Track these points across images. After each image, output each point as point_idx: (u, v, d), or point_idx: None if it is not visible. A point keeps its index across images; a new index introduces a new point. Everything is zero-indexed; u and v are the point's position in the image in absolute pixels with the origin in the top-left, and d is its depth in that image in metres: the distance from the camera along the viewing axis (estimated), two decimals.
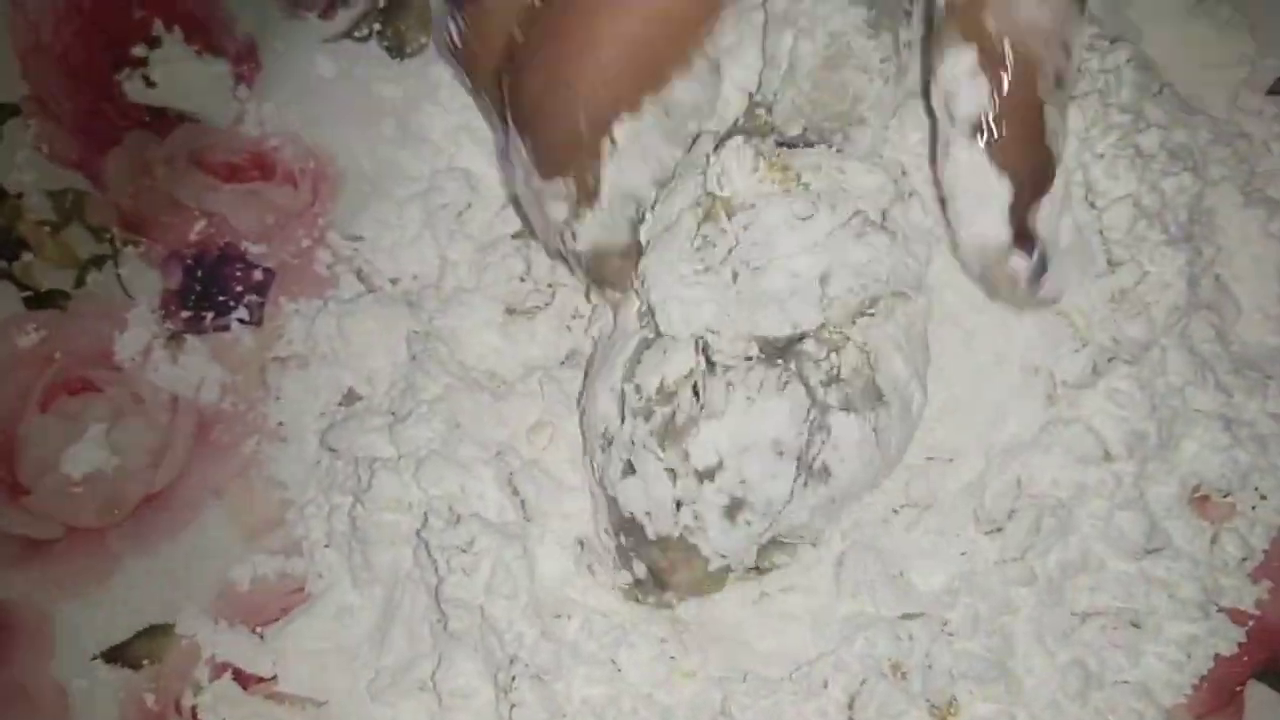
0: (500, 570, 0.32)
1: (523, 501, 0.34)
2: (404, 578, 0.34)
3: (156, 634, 0.37)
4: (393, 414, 0.36)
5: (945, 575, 0.34)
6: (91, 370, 0.40)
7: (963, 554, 0.34)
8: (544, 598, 0.33)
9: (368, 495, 0.34)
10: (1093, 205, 0.33)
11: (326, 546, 0.36)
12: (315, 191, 0.43)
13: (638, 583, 0.33)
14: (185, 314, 0.41)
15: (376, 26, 0.44)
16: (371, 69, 0.44)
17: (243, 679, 0.36)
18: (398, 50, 0.44)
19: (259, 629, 0.37)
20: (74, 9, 0.43)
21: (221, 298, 0.41)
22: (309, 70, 0.43)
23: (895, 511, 0.35)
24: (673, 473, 0.30)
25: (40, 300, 0.41)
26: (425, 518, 0.33)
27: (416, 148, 0.42)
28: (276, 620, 0.37)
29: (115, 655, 0.37)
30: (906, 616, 0.34)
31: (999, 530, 0.34)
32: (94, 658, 0.37)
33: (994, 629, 0.33)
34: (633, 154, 0.30)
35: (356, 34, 0.44)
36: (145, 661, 0.37)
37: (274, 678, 0.36)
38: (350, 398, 0.39)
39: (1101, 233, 0.33)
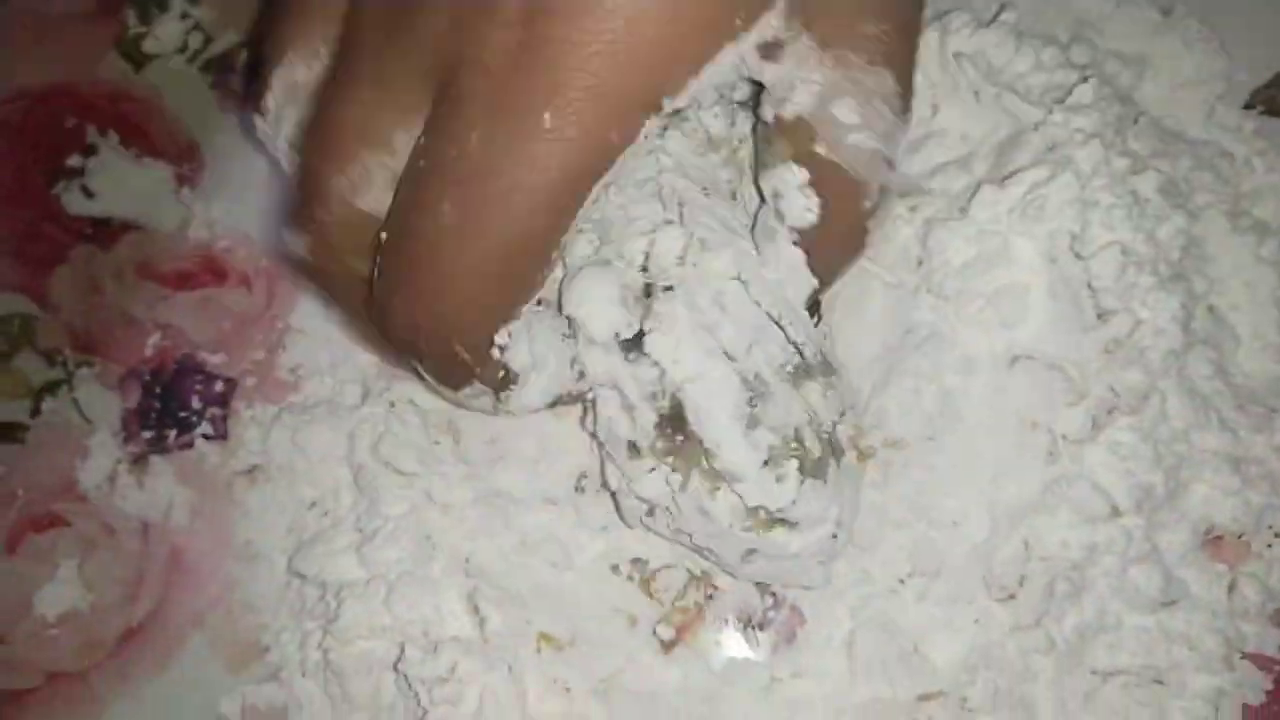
0: (489, 697, 0.31)
1: (482, 621, 0.32)
2: (387, 707, 0.33)
3: None
4: (359, 530, 0.35)
5: (960, 647, 0.33)
6: (57, 503, 0.38)
7: (976, 622, 0.33)
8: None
9: (337, 626, 0.33)
10: (1078, 256, 0.32)
11: (304, 675, 0.35)
12: (271, 292, 0.41)
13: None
14: (147, 434, 0.39)
15: None
16: None
17: None
18: None
19: None
20: (1, 125, 0.41)
21: (183, 414, 0.39)
22: (254, 166, 0.41)
23: (901, 581, 0.34)
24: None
25: None
26: (402, 648, 0.32)
27: None
28: None
29: None
30: (924, 697, 0.32)
31: (1011, 597, 0.33)
32: None
33: (1015, 701, 0.32)
34: (525, 340, 0.29)
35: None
36: None
37: None
38: (317, 508, 0.37)
39: (1090, 284, 0.32)
